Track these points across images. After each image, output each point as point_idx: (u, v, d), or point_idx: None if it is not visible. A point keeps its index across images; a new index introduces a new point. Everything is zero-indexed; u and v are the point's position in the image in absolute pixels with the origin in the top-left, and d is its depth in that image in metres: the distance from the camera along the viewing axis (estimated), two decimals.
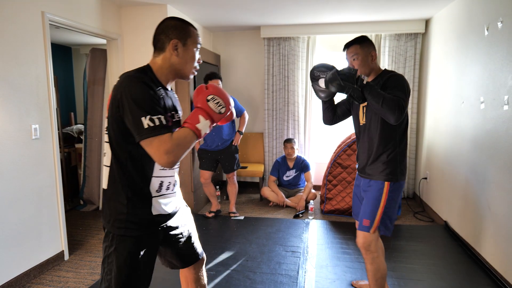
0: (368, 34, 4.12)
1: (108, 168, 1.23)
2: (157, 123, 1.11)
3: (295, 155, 3.99)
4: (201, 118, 1.17)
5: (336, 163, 3.59)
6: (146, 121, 1.09)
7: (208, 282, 2.30)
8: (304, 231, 3.20)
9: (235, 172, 3.57)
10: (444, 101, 3.35)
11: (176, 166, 1.33)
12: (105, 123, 1.24)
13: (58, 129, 3.83)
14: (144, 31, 3.36)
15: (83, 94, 3.89)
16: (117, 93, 1.15)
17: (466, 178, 2.80)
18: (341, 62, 4.39)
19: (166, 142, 1.10)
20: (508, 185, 2.19)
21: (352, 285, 2.27)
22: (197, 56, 1.29)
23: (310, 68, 4.35)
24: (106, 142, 1.23)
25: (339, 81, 1.65)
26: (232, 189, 3.61)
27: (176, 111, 1.32)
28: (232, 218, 3.56)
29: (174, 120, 1.28)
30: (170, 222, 1.33)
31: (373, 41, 4.14)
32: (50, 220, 2.57)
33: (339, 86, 1.67)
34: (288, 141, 3.96)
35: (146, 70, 1.25)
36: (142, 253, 1.23)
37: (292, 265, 2.54)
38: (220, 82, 3.36)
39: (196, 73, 1.32)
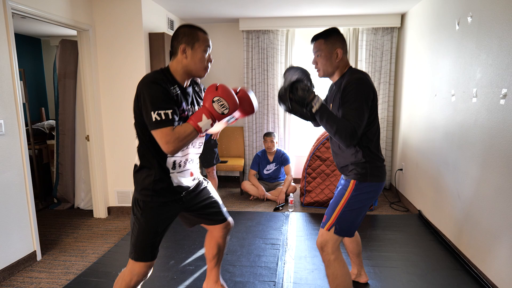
0: (346, 28, 4.17)
1: (136, 148, 1.50)
2: (163, 117, 1.34)
3: (275, 149, 4.00)
4: (204, 117, 1.38)
5: (315, 156, 3.63)
6: (154, 115, 1.34)
7: (187, 277, 2.29)
8: (284, 223, 3.23)
9: (215, 166, 3.54)
10: (419, 94, 3.44)
11: (190, 149, 1.57)
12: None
13: (27, 125, 3.67)
14: (117, 22, 3.24)
15: (54, 88, 3.73)
16: (138, 90, 1.40)
17: (438, 168, 2.90)
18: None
19: (167, 135, 1.35)
20: (476, 174, 2.28)
21: None
22: (207, 56, 1.48)
23: (289, 62, 4.35)
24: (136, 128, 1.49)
25: (288, 104, 1.56)
26: (212, 184, 3.57)
27: (194, 105, 1.56)
28: None
29: (188, 114, 1.50)
30: (191, 193, 1.64)
31: (351, 35, 4.18)
32: (20, 220, 2.46)
33: (287, 108, 1.58)
34: (268, 135, 3.96)
35: (164, 72, 1.47)
36: (162, 217, 1.54)
37: (271, 257, 2.56)
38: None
39: (208, 71, 1.51)
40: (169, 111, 1.35)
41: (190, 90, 1.56)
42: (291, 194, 3.75)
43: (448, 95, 2.72)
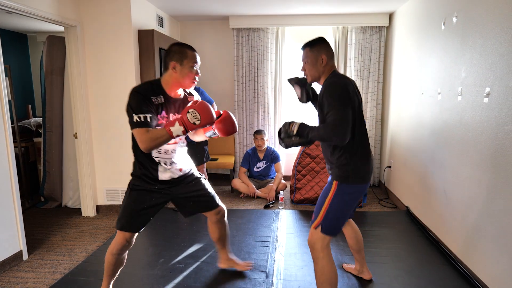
0: (335, 27, 4.20)
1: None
2: (142, 120, 1.58)
3: (265, 147, 4.01)
4: (176, 123, 1.59)
5: (305, 153, 3.65)
6: (135, 117, 1.59)
7: (177, 275, 2.28)
8: (274, 221, 3.24)
9: (205, 164, 3.54)
10: (406, 93, 3.49)
11: (173, 153, 1.83)
12: None
13: (13, 122, 3.60)
14: (105, 18, 3.20)
15: (41, 85, 3.66)
16: (128, 98, 1.66)
17: (425, 165, 2.96)
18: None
19: (142, 134, 1.58)
20: (461, 170, 2.34)
21: (342, 267, 2.35)
22: (194, 71, 1.72)
23: (279, 59, 4.37)
24: None
25: (282, 144, 1.76)
26: None
27: (176, 113, 1.79)
28: None
29: (169, 120, 1.75)
30: (178, 184, 1.89)
31: (340, 34, 4.22)
32: (5, 219, 2.42)
33: (285, 146, 1.76)
34: (258, 133, 3.97)
35: (152, 83, 1.72)
36: (141, 199, 1.80)
37: (261, 254, 2.57)
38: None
39: (195, 83, 1.77)
40: (148, 115, 1.60)
41: (179, 99, 1.79)
42: (281, 191, 3.77)
43: (434, 93, 2.77)
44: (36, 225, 3.19)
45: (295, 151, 4.30)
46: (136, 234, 1.86)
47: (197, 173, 2.03)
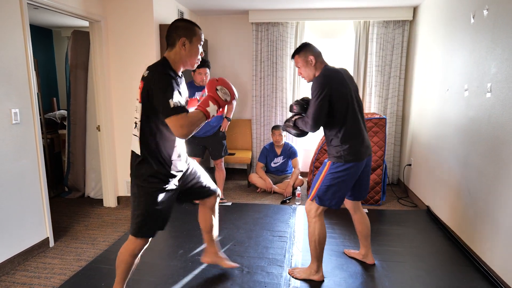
0: (356, 21, 4.12)
1: (138, 139, 1.62)
2: (179, 104, 1.49)
3: (283, 142, 4.00)
4: (210, 103, 1.56)
5: (323, 149, 3.62)
6: (171, 102, 1.46)
7: (195, 267, 2.33)
8: (291, 216, 3.24)
9: (223, 158, 3.57)
10: (430, 89, 3.40)
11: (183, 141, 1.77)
12: (137, 106, 1.61)
13: (40, 115, 3.72)
14: (128, 13, 3.25)
15: (66, 79, 3.77)
16: (149, 83, 1.52)
17: (448, 164, 2.88)
18: (329, 48, 4.38)
19: (182, 119, 1.48)
20: (488, 170, 2.26)
21: (344, 253, 2.50)
22: (200, 50, 1.66)
23: None
24: (137, 120, 1.62)
25: (284, 127, 2.26)
26: (220, 176, 3.61)
27: (186, 95, 1.70)
28: (219, 204, 3.56)
29: (186, 101, 1.69)
30: (184, 174, 1.82)
31: (361, 28, 4.14)
32: (34, 207, 2.52)
33: (284, 127, 2.28)
34: (276, 128, 3.96)
35: (165, 64, 1.59)
36: (162, 199, 1.68)
37: (279, 249, 2.58)
38: (208, 71, 3.30)
39: (199, 63, 1.69)
40: (181, 99, 1.53)
41: (183, 79, 1.71)
42: (298, 187, 3.76)
43: (460, 89, 2.68)
44: (61, 214, 3.31)
45: (313, 147, 4.27)
46: None
47: (190, 161, 1.93)
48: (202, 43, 1.67)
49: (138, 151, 1.64)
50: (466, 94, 2.58)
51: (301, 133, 2.16)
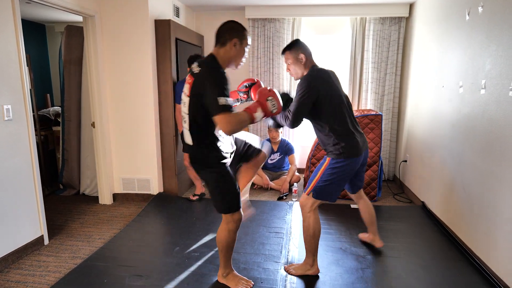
0: (353, 17, 4.12)
1: (189, 132, 1.75)
2: (229, 102, 1.58)
3: (280, 138, 4.00)
4: (259, 110, 1.65)
5: (319, 145, 3.63)
6: (222, 100, 1.55)
7: (192, 263, 2.32)
8: (288, 212, 3.25)
9: None
10: (425, 85, 3.41)
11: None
12: (184, 102, 1.73)
13: (33, 111, 3.68)
14: (123, 8, 3.22)
15: (59, 75, 3.73)
16: (201, 79, 1.63)
17: (443, 160, 2.90)
18: (325, 44, 4.37)
19: (231, 117, 1.57)
20: (482, 166, 2.28)
21: (359, 237, 2.65)
22: (246, 53, 1.80)
23: None
24: (185, 113, 1.74)
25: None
26: None
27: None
28: None
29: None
30: (233, 153, 1.93)
31: (358, 24, 4.14)
32: (28, 205, 2.49)
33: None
34: None
35: (214, 61, 1.70)
36: (232, 175, 1.84)
37: (275, 245, 2.59)
38: None
39: (242, 64, 1.83)
40: (229, 98, 1.61)
41: None
42: (295, 183, 3.77)
43: (455, 86, 2.69)
44: (55, 211, 3.28)
45: (310, 143, 4.27)
46: None
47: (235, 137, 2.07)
48: (249, 46, 1.83)
49: (190, 142, 1.77)
50: (461, 90, 2.59)
51: (277, 125, 2.21)
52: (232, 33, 1.71)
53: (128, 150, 3.47)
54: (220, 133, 1.76)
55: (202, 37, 4.41)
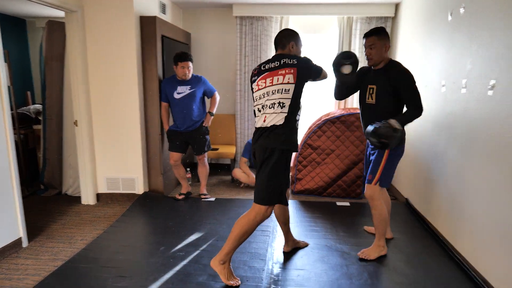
0: (340, 16, 4.14)
1: (284, 115, 1.97)
2: (321, 67, 2.11)
3: None
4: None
5: (306, 144, 3.64)
6: (318, 67, 2.09)
7: (177, 263, 2.30)
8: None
9: (206, 154, 3.53)
10: None
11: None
12: (285, 88, 1.97)
13: (12, 109, 3.57)
14: (107, 4, 3.14)
15: (40, 72, 3.62)
16: (305, 65, 2.02)
17: (426, 157, 2.95)
18: (313, 43, 4.38)
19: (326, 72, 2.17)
20: (463, 163, 2.33)
21: (364, 229, 2.76)
22: (301, 51, 2.15)
23: None
24: (285, 98, 1.97)
25: (389, 143, 2.16)
26: (203, 171, 3.57)
27: None
28: (202, 199, 3.54)
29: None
30: None
31: (345, 23, 4.17)
32: (5, 206, 2.41)
33: (395, 143, 2.18)
34: None
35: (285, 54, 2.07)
36: (289, 167, 2.07)
37: (261, 243, 2.58)
38: (190, 64, 3.24)
39: None
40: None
41: None
42: None
43: (438, 86, 2.74)
44: (36, 212, 3.19)
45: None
46: None
47: None
48: (302, 46, 2.14)
49: (281, 123, 1.96)
50: (444, 89, 2.64)
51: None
52: (289, 37, 2.07)
53: (112, 149, 3.41)
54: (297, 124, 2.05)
55: (189, 35, 4.37)
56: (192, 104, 3.29)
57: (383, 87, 2.23)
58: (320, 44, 4.44)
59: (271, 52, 4.29)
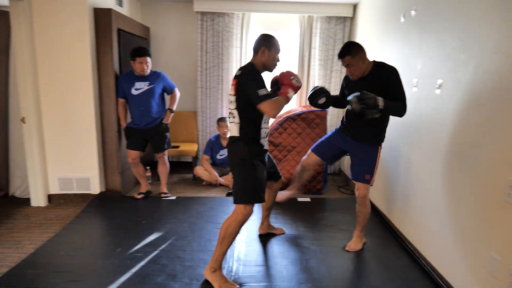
0: (301, 15, 4.21)
1: (237, 125, 2.01)
2: (266, 93, 1.91)
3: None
4: (290, 90, 2.01)
5: (268, 141, 3.66)
6: (261, 92, 1.89)
7: (135, 264, 2.22)
8: None
9: (166, 151, 3.44)
10: None
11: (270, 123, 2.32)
12: (231, 100, 2.03)
13: None
14: None
15: None
16: (243, 79, 1.96)
17: (383, 154, 3.08)
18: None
19: (272, 103, 1.90)
20: (415, 159, 2.47)
21: (345, 249, 2.50)
22: (277, 57, 2.11)
23: (244, 46, 4.30)
24: (233, 109, 2.02)
25: (367, 112, 2.09)
26: (163, 169, 3.48)
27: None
28: (163, 198, 3.45)
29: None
30: (267, 157, 2.23)
31: (306, 22, 4.24)
32: None
33: (370, 115, 2.10)
34: (222, 120, 3.92)
35: (253, 66, 2.04)
36: (262, 170, 2.08)
37: None
38: (149, 60, 3.14)
39: (276, 67, 2.13)
40: (268, 89, 1.94)
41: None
42: None
43: None
44: None
45: None
46: None
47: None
48: (279, 52, 2.10)
49: (237, 134, 2.02)
50: None
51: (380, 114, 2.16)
52: (261, 42, 2.04)
53: (65, 147, 3.22)
54: (264, 126, 2.05)
55: (148, 29, 4.22)
56: (150, 100, 3.19)
57: (371, 91, 2.14)
58: (282, 42, 4.47)
59: (233, 49, 4.26)
